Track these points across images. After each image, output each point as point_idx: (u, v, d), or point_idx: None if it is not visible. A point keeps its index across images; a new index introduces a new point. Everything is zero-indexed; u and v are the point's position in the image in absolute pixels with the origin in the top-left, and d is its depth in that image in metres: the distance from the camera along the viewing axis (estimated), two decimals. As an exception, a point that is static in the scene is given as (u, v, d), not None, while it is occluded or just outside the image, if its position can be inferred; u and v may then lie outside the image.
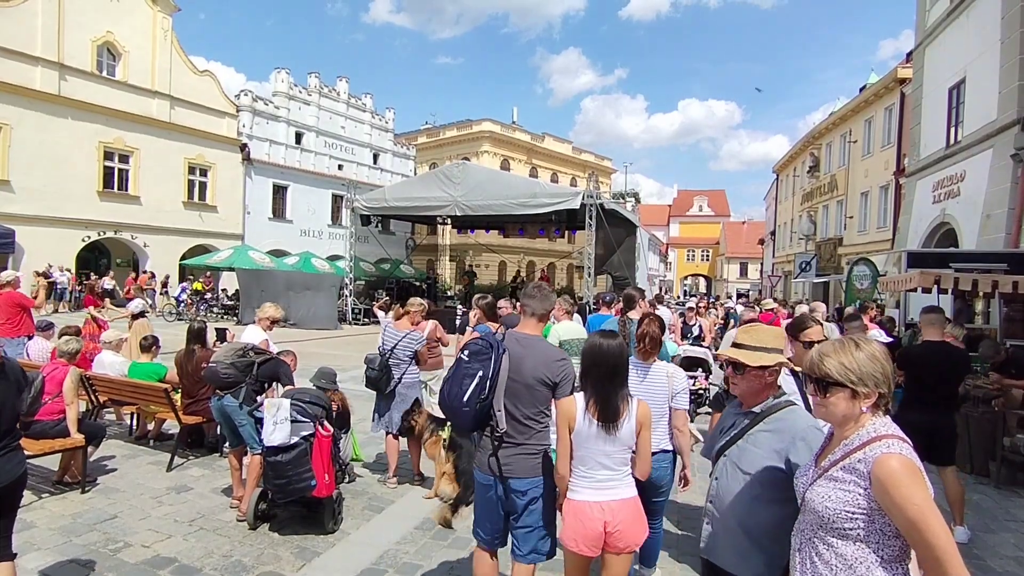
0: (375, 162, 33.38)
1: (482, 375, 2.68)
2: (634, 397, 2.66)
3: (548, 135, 42.84)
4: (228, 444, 4.85)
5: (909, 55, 18.28)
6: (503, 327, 5.21)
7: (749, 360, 2.13)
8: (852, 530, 1.53)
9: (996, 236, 10.34)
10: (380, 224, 23.24)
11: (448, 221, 23.66)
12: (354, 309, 20.88)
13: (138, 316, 8.28)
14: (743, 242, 57.09)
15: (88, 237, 21.21)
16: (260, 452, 4.32)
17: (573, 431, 2.59)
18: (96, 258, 23.42)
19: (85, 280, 20.43)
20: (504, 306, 6.52)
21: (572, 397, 2.71)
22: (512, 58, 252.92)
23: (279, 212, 28.38)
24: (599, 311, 8.82)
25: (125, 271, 23.17)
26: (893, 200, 19.54)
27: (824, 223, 27.35)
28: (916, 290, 8.01)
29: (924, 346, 4.81)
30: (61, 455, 4.90)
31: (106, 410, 6.48)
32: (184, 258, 23.39)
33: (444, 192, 18.15)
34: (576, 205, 16.39)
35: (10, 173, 18.82)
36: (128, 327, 8.02)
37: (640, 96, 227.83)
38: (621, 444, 2.56)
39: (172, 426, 6.21)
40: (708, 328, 10.27)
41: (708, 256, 65.79)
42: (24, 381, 3.04)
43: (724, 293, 49.45)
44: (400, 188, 21.41)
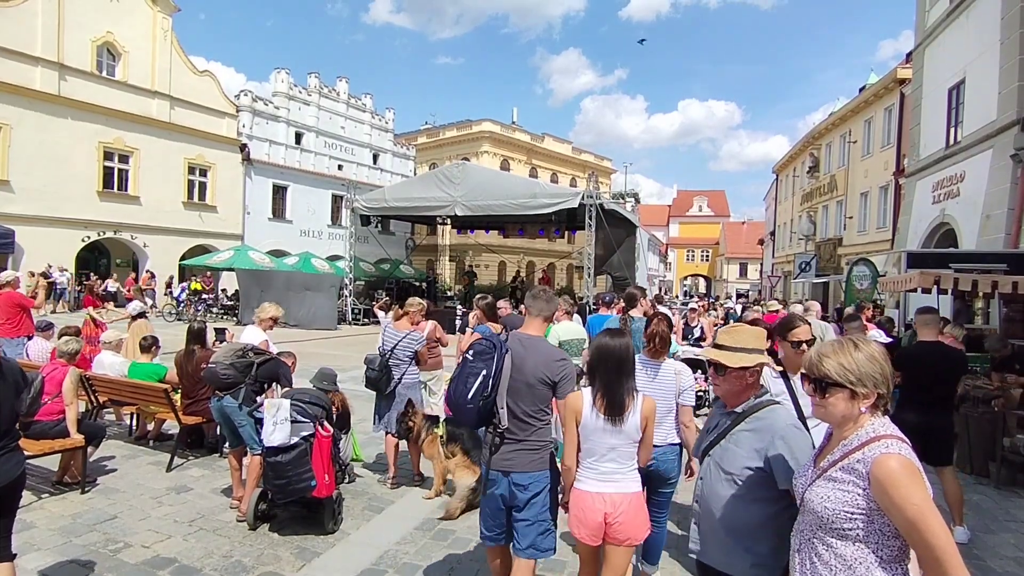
0: (375, 162, 33.39)
1: (485, 374, 2.79)
2: (640, 392, 2.75)
3: (548, 135, 42.84)
4: (228, 444, 4.85)
5: (909, 55, 18.29)
6: (504, 328, 5.24)
7: (729, 361, 2.15)
8: (851, 530, 1.53)
9: (996, 236, 10.34)
10: (380, 224, 23.25)
11: (448, 221, 23.68)
12: (354, 309, 20.89)
13: (137, 317, 8.28)
14: (743, 242, 57.13)
15: (88, 237, 21.19)
16: (260, 452, 4.32)
17: (580, 424, 2.70)
18: (96, 258, 23.42)
19: (85, 280, 20.45)
20: (504, 307, 6.53)
21: (579, 392, 2.81)
22: (512, 58, 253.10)
23: (279, 212, 28.38)
24: (599, 311, 8.85)
25: (125, 271, 23.18)
26: (893, 200, 19.55)
27: (824, 223, 27.36)
28: (916, 290, 8.00)
29: (918, 346, 4.80)
30: (61, 455, 4.90)
31: (106, 410, 6.48)
32: (184, 258, 23.37)
33: (444, 192, 18.16)
34: (575, 204, 16.41)
35: (10, 173, 18.81)
36: (127, 328, 8.02)
37: (640, 96, 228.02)
38: (626, 437, 2.66)
39: (172, 426, 6.21)
40: (709, 328, 10.26)
41: (708, 256, 65.83)
42: (23, 382, 3.04)
43: (724, 293, 49.46)
44: (400, 188, 21.42)
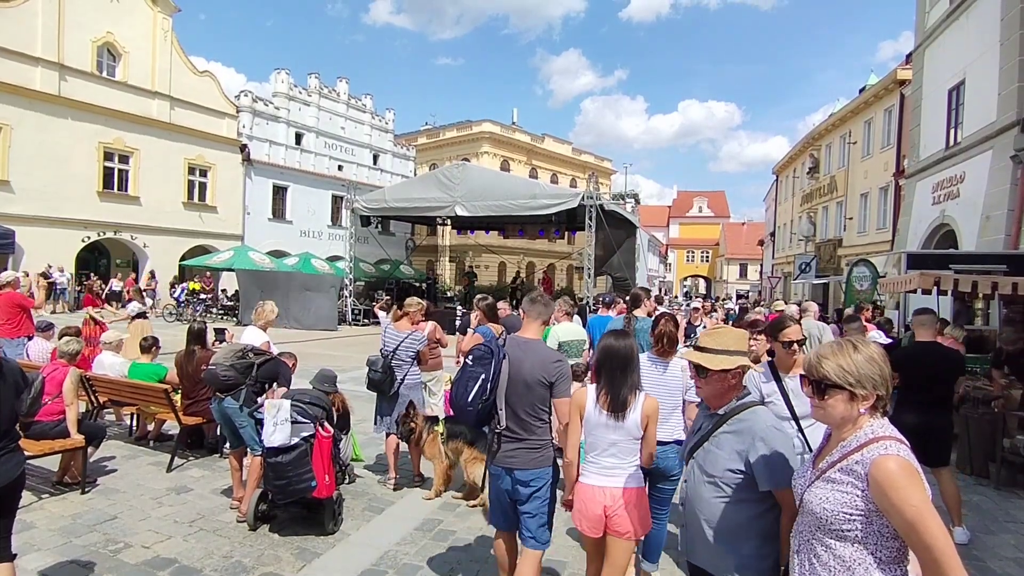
0: (375, 163, 33.39)
1: (484, 378, 2.94)
2: (642, 391, 2.82)
3: (548, 136, 42.82)
4: (228, 445, 4.85)
5: (909, 56, 18.28)
6: (504, 329, 5.28)
7: (710, 364, 2.15)
8: (850, 532, 1.53)
9: (996, 237, 10.34)
10: (380, 225, 23.27)
11: (448, 222, 23.71)
12: (354, 310, 20.90)
13: (136, 317, 8.29)
14: (743, 243, 57.14)
15: (88, 237, 21.20)
16: (261, 453, 4.32)
17: (584, 418, 2.82)
18: (96, 258, 23.42)
19: (85, 281, 20.44)
20: (504, 308, 6.53)
21: (584, 388, 2.92)
22: (512, 59, 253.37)
23: (279, 213, 28.38)
24: (599, 312, 8.86)
25: (125, 272, 23.17)
26: (893, 201, 19.53)
27: (824, 224, 27.35)
28: (916, 291, 7.99)
29: (915, 347, 4.80)
30: (61, 456, 4.90)
31: (106, 411, 6.48)
32: (184, 259, 23.38)
33: (444, 193, 18.17)
34: (575, 205, 16.41)
35: (10, 174, 18.81)
36: (127, 328, 8.04)
37: (640, 97, 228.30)
38: (627, 433, 2.73)
39: (172, 427, 6.22)
40: (709, 328, 10.21)
41: (708, 257, 65.83)
42: (24, 382, 3.04)
43: (724, 294, 49.44)
44: (400, 189, 21.42)
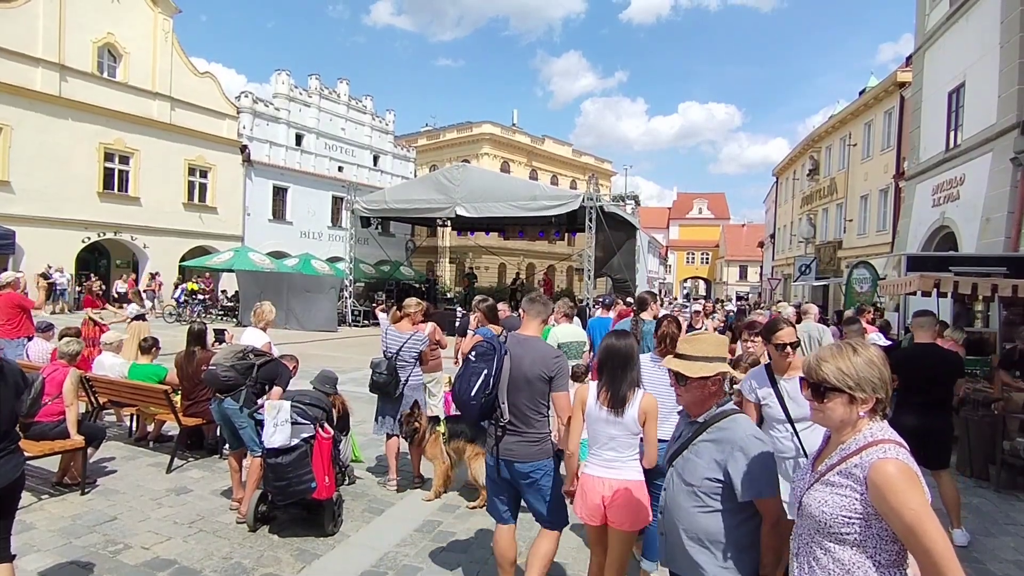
0: (375, 164, 33.41)
1: (487, 373, 3.04)
2: (641, 389, 2.93)
3: (548, 137, 42.83)
4: (228, 446, 4.85)
5: (908, 59, 18.31)
6: (504, 330, 5.29)
7: (689, 371, 2.13)
8: (849, 535, 1.53)
9: (995, 240, 10.35)
10: (380, 226, 23.28)
11: (448, 223, 23.71)
12: (354, 311, 20.90)
13: (136, 319, 8.31)
14: (743, 245, 57.17)
15: (88, 238, 21.20)
16: (261, 454, 4.32)
17: (585, 412, 2.96)
18: (96, 259, 23.41)
19: (85, 281, 20.42)
20: (503, 309, 6.54)
21: (587, 384, 3.10)
22: (512, 61, 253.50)
23: (279, 214, 28.39)
24: (597, 314, 8.88)
25: (125, 273, 23.16)
26: (892, 203, 19.54)
27: (824, 226, 27.36)
28: (916, 293, 8.00)
29: (914, 348, 4.80)
30: (61, 456, 4.90)
31: (106, 411, 6.48)
32: (184, 259, 23.38)
33: (444, 194, 18.18)
34: (576, 207, 16.42)
35: (10, 174, 18.81)
36: (125, 329, 8.04)
37: (640, 99, 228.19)
38: (625, 428, 2.86)
39: (172, 428, 6.22)
40: (710, 330, 10.20)
41: (708, 259, 65.86)
42: (24, 383, 3.04)
43: (724, 296, 49.44)
44: (400, 190, 21.44)
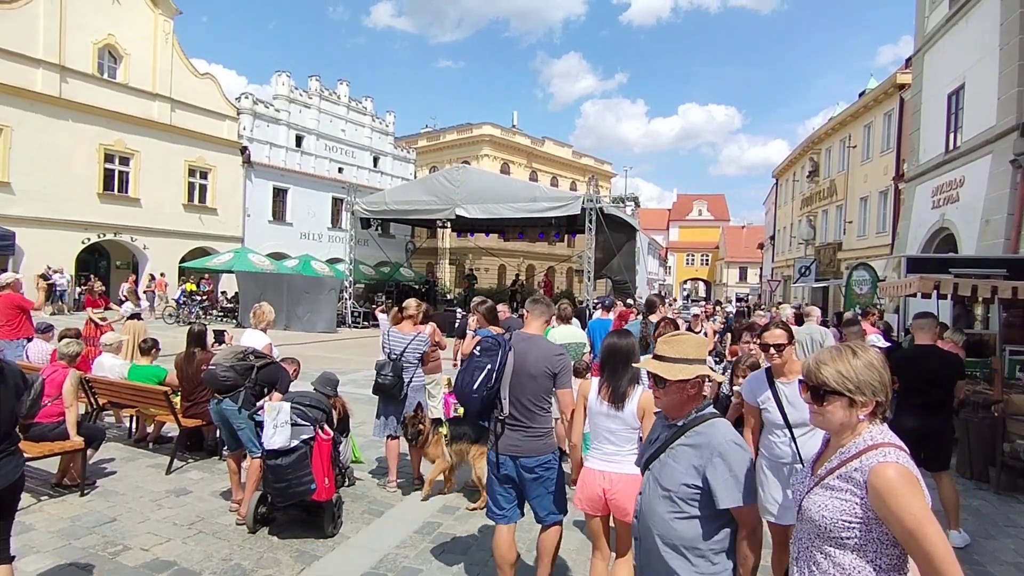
0: (375, 165, 33.41)
1: (490, 368, 3.12)
2: (641, 386, 3.02)
3: (548, 139, 42.84)
4: (227, 447, 4.84)
5: (908, 61, 18.33)
6: (505, 331, 5.31)
7: (668, 374, 2.09)
8: (849, 539, 1.52)
9: (995, 241, 10.35)
10: (380, 227, 23.26)
11: (448, 224, 23.70)
12: (353, 312, 20.90)
13: (131, 318, 8.33)
14: (742, 246, 57.17)
15: (88, 239, 21.19)
16: (259, 456, 4.32)
17: (587, 406, 3.09)
18: (96, 260, 23.40)
19: (85, 282, 20.40)
20: (503, 310, 6.55)
21: (590, 380, 3.20)
22: (513, 62, 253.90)
23: (279, 215, 28.39)
24: (596, 315, 8.92)
25: (125, 273, 23.16)
26: (892, 205, 19.55)
27: (824, 228, 27.37)
28: (916, 295, 8.00)
29: (913, 350, 4.80)
30: (60, 457, 4.89)
31: (105, 413, 6.48)
32: (184, 260, 23.36)
33: (444, 196, 18.17)
34: (577, 211, 16.40)
35: (11, 175, 18.80)
36: (121, 329, 8.06)
37: (640, 100, 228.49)
38: (624, 423, 2.96)
39: (171, 429, 6.22)
40: (711, 334, 10.14)
41: (708, 260, 65.87)
42: (23, 384, 3.04)
43: (724, 297, 49.41)
44: (400, 191, 21.43)
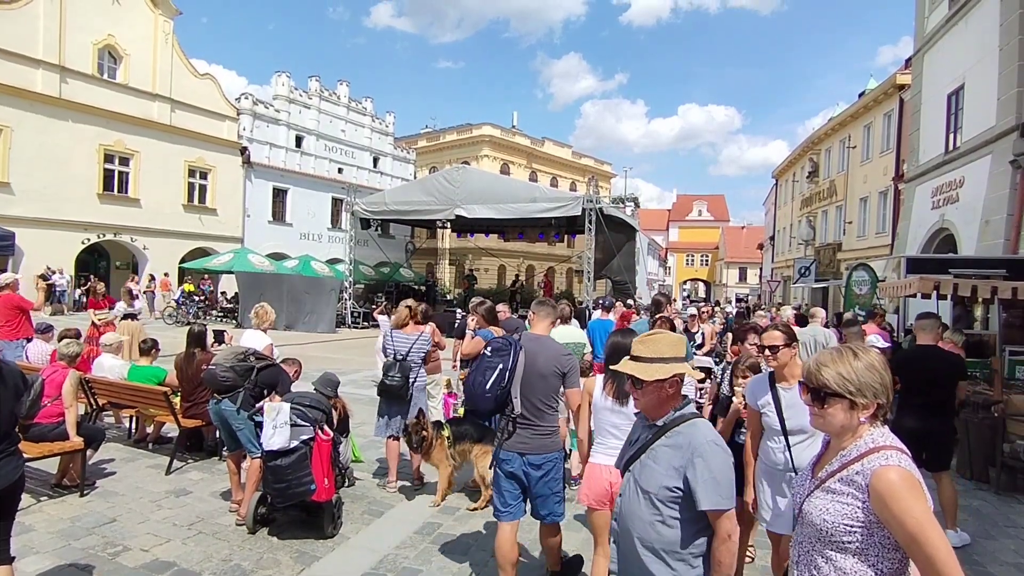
0: (375, 166, 33.40)
1: (502, 368, 3.19)
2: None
3: (548, 139, 42.87)
4: (227, 448, 4.84)
5: (908, 61, 18.35)
6: (506, 332, 5.31)
7: (644, 374, 2.06)
8: (851, 543, 1.50)
9: (995, 242, 10.35)
10: (380, 228, 23.26)
11: (448, 225, 23.70)
12: (353, 313, 20.89)
13: (125, 318, 8.33)
14: (742, 247, 57.17)
15: (88, 240, 21.18)
16: (259, 456, 4.32)
17: (592, 403, 3.15)
18: (96, 260, 23.39)
19: (84, 283, 20.38)
20: (503, 310, 6.54)
21: (594, 377, 3.26)
22: (513, 63, 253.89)
23: (279, 215, 28.38)
24: (596, 316, 8.92)
25: (125, 274, 23.15)
26: (892, 206, 19.56)
27: (823, 228, 27.39)
28: (915, 296, 8.01)
29: (915, 350, 4.80)
30: (60, 458, 4.89)
31: (105, 413, 6.48)
32: (184, 261, 23.36)
33: (444, 196, 18.17)
34: (577, 212, 16.40)
35: (10, 175, 18.79)
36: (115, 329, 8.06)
37: (640, 101, 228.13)
38: (627, 418, 2.96)
39: (171, 429, 6.21)
40: (710, 335, 10.07)
41: (707, 261, 65.86)
42: (23, 385, 3.04)
43: (724, 298, 49.42)
44: (400, 192, 21.43)
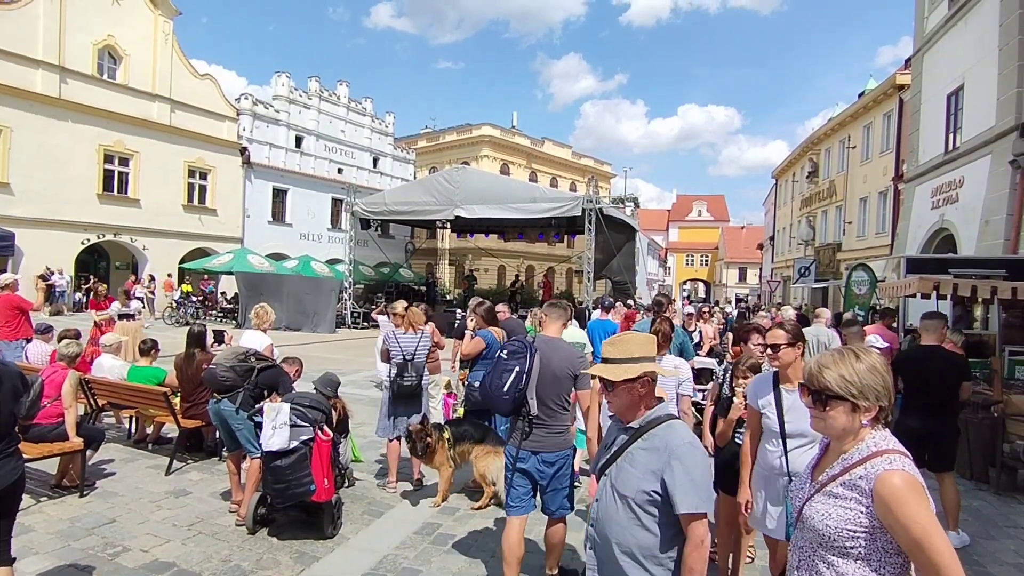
0: (375, 166, 33.38)
1: (519, 370, 3.26)
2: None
3: (548, 140, 42.85)
4: (227, 448, 4.84)
5: (908, 61, 18.35)
6: (504, 333, 5.36)
7: (612, 375, 2.05)
8: (853, 548, 1.49)
9: (995, 242, 10.35)
10: (379, 228, 23.25)
11: (447, 225, 23.69)
12: (353, 313, 20.89)
13: (122, 318, 8.35)
14: (742, 247, 57.16)
15: (87, 240, 21.16)
16: (258, 456, 4.32)
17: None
18: (95, 261, 23.36)
19: (84, 283, 20.37)
20: (503, 311, 6.54)
21: None
22: (512, 63, 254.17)
23: (279, 216, 28.36)
24: (596, 316, 8.92)
25: (124, 274, 23.13)
26: (892, 206, 19.57)
27: (823, 228, 27.39)
28: (915, 296, 8.01)
29: (917, 350, 4.79)
30: (60, 459, 4.89)
31: (105, 413, 6.47)
32: (184, 261, 23.35)
33: (444, 196, 18.16)
34: (577, 212, 16.40)
35: (10, 176, 18.78)
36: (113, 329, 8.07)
37: (640, 101, 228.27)
38: None
39: (171, 430, 6.21)
40: (708, 335, 10.05)
41: (707, 261, 65.85)
42: (23, 385, 3.04)
43: (723, 298, 49.41)
44: (400, 192, 21.43)
